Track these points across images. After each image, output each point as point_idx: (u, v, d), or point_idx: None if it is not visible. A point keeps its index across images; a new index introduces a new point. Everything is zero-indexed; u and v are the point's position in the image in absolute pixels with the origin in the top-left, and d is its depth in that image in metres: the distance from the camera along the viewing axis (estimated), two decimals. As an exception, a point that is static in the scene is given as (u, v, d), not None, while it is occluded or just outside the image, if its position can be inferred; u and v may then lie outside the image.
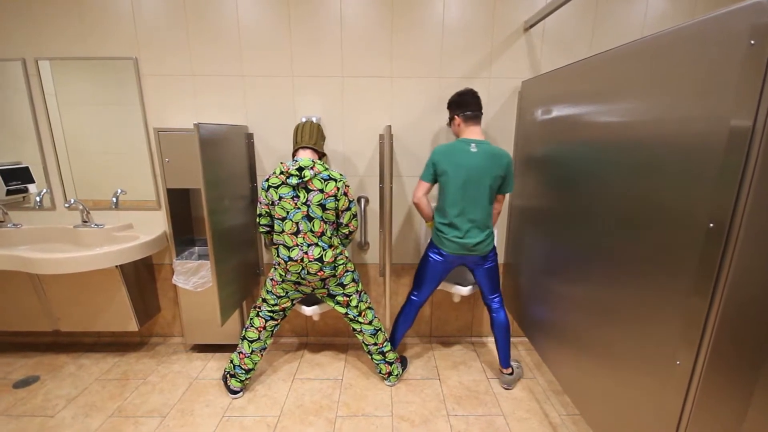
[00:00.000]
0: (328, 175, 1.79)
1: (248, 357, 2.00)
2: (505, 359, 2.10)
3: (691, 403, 0.99)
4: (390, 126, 1.79)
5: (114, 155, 2.29)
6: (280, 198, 1.78)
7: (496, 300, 2.08)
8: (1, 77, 2.17)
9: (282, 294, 1.95)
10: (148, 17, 2.08)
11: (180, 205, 2.28)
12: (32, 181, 2.35)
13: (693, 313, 0.96)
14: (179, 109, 2.20)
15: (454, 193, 1.85)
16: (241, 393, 2.05)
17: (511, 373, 2.12)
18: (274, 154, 2.26)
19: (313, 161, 1.78)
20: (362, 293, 2.04)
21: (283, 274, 1.88)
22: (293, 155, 1.88)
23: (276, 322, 2.02)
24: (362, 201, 2.31)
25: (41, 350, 2.46)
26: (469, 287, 2.19)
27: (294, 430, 1.82)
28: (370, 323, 2.04)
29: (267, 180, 1.81)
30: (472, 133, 1.89)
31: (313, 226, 1.80)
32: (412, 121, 2.22)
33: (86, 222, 2.30)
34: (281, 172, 1.78)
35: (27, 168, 2.33)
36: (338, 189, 1.80)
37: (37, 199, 2.33)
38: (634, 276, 1.18)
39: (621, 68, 1.24)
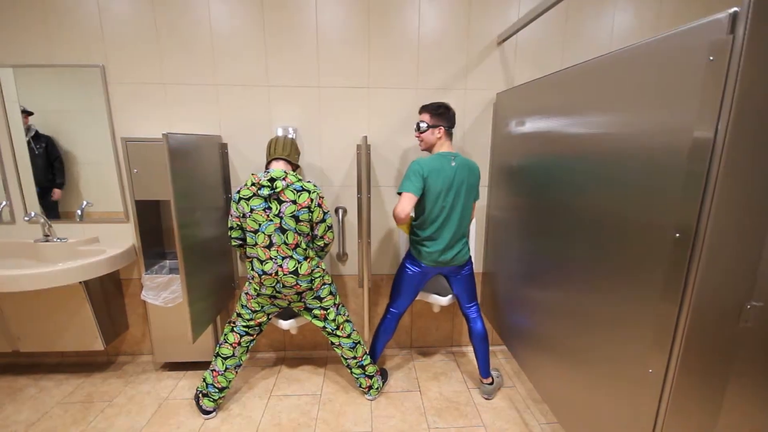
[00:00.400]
0: (301, 186, 1.76)
1: (222, 375, 1.93)
2: (484, 369, 2.10)
3: (665, 408, 1.00)
4: (366, 136, 1.78)
5: (80, 165, 2.20)
6: (252, 210, 1.73)
7: (473, 309, 2.08)
8: (-43, 84, 2.06)
9: (257, 308, 1.89)
10: (116, 23, 2.02)
11: (150, 217, 2.20)
12: (-9, 194, 2.22)
13: (663, 321, 0.98)
14: (149, 118, 2.14)
15: (439, 206, 1.83)
16: (214, 413, 1.96)
17: (491, 383, 2.12)
18: (249, 165, 2.22)
19: (285, 172, 1.75)
20: (340, 306, 2.00)
21: (258, 287, 1.83)
22: (266, 167, 1.84)
23: (251, 338, 1.96)
24: (340, 211, 2.28)
25: (-2, 373, 2.31)
26: (449, 297, 2.19)
27: (270, 450, 1.75)
28: (348, 336, 2.00)
29: (238, 192, 1.76)
30: (448, 146, 1.90)
31: (287, 238, 1.76)
32: (389, 132, 2.22)
33: (48, 236, 2.18)
34: (252, 184, 1.73)
35: (-15, 179, 2.20)
36: (312, 200, 1.77)
37: (-5, 212, 2.20)
38: (607, 284, 1.20)
39: (589, 82, 1.28)
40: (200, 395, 1.95)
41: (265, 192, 1.71)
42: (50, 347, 2.21)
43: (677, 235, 0.91)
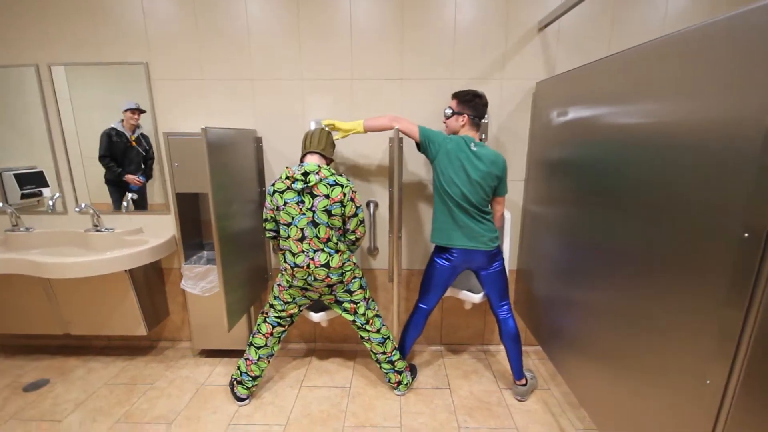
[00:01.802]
0: (335, 181, 1.75)
1: (255, 364, 1.97)
2: (517, 370, 2.03)
3: (723, 424, 0.92)
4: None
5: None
6: (285, 203, 1.75)
7: (504, 308, 2.01)
8: (17, 83, 2.20)
9: (289, 300, 1.91)
10: (158, 22, 2.09)
11: (189, 209, 2.27)
12: (46, 185, 2.37)
13: (726, 327, 0.89)
14: (189, 113, 2.20)
15: (450, 186, 1.82)
16: (248, 400, 2.02)
17: (525, 384, 2.05)
18: (282, 158, 2.24)
19: (319, 166, 1.75)
20: (370, 300, 1.99)
21: (290, 279, 1.85)
22: (301, 160, 1.85)
23: (283, 329, 1.99)
24: (371, 205, 2.27)
25: (52, 353, 2.48)
26: (481, 294, 2.13)
27: (301, 440, 1.78)
28: (378, 331, 1.99)
29: (273, 185, 1.79)
30: (472, 134, 1.87)
31: (319, 232, 1.77)
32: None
33: (96, 226, 2.31)
34: (287, 177, 1.75)
35: (41, 172, 2.35)
36: (344, 195, 1.76)
37: (50, 203, 2.35)
38: (660, 285, 1.11)
39: (643, 67, 1.18)
40: (235, 382, 2.01)
41: (299, 186, 1.72)
42: (98, 331, 2.34)
43: (746, 234, 0.82)
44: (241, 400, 2.00)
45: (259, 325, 1.99)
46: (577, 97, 1.63)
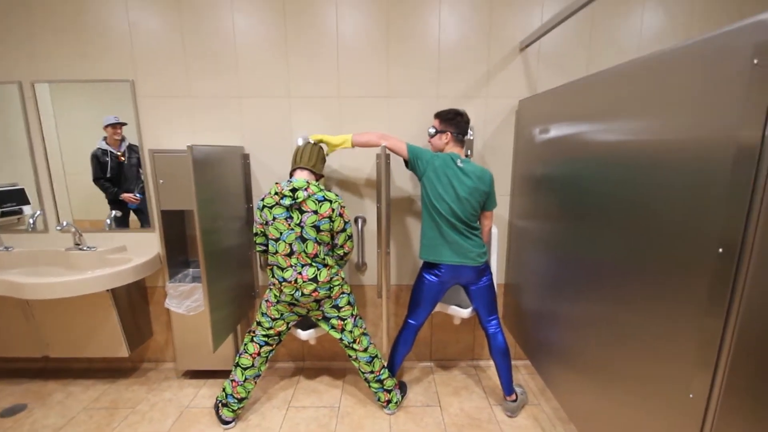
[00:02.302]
0: (323, 196, 1.76)
1: (241, 385, 1.93)
2: (507, 386, 2.02)
3: (708, 436, 0.93)
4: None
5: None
6: (274, 218, 1.75)
7: (493, 323, 2.01)
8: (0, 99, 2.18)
9: (277, 316, 1.89)
10: (144, 39, 2.09)
11: (174, 226, 2.24)
12: (27, 203, 2.32)
13: (706, 340, 0.91)
14: (175, 130, 2.19)
15: (439, 202, 1.83)
16: (234, 423, 1.96)
17: (515, 400, 2.04)
18: (270, 175, 2.24)
19: (307, 182, 1.75)
20: (357, 318, 1.98)
21: (278, 294, 1.83)
22: (290, 175, 1.85)
23: (271, 348, 1.96)
24: (359, 221, 2.27)
25: (30, 377, 2.39)
26: (470, 309, 2.13)
27: (288, 464, 1.73)
28: (365, 350, 1.97)
29: (262, 200, 1.79)
30: (457, 151, 1.90)
31: (307, 247, 1.77)
32: (409, 141, 2.20)
33: (78, 245, 2.26)
34: (275, 193, 1.75)
35: (22, 189, 2.31)
36: (333, 210, 1.77)
37: (31, 221, 2.30)
38: (642, 299, 1.13)
39: (620, 87, 1.22)
40: (220, 405, 1.96)
41: (287, 202, 1.72)
42: (78, 353, 2.27)
43: (720, 250, 0.85)
44: (226, 423, 1.94)
45: (246, 344, 1.95)
46: (558, 114, 1.67)
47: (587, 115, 1.42)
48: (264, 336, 1.92)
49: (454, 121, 1.88)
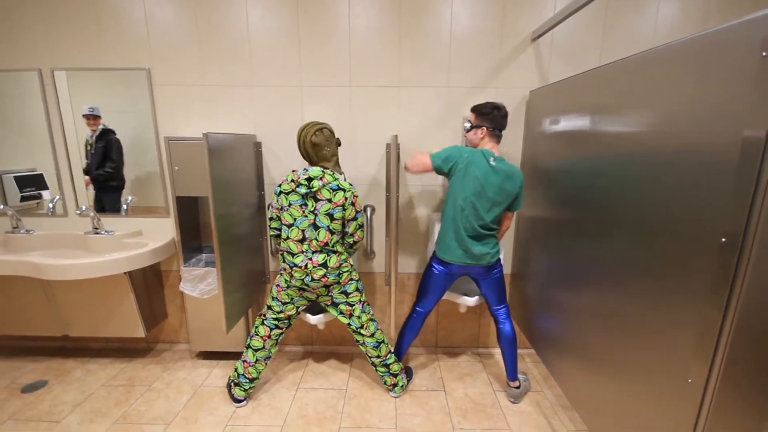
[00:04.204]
0: (337, 185, 1.80)
1: (252, 366, 2.00)
2: (512, 372, 2.06)
3: (704, 423, 0.96)
4: (396, 135, 1.79)
5: (126, 163, 2.33)
6: (290, 204, 1.81)
7: (502, 311, 2.05)
8: (19, 87, 2.23)
9: (287, 300, 1.94)
10: (161, 28, 2.13)
11: (189, 211, 2.30)
12: (46, 188, 2.40)
13: (705, 331, 0.93)
14: (189, 118, 2.24)
15: (464, 200, 1.81)
16: (245, 402, 2.04)
17: (518, 387, 2.08)
18: (282, 163, 2.28)
19: (323, 171, 1.79)
20: (365, 304, 2.02)
21: (288, 279, 1.88)
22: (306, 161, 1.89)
23: (281, 331, 2.02)
24: (368, 210, 2.31)
25: (50, 355, 2.49)
26: (476, 297, 2.16)
27: (297, 441, 1.80)
28: (372, 336, 2.02)
29: (279, 186, 1.84)
30: (492, 147, 1.86)
31: (319, 235, 1.82)
32: (420, 131, 2.22)
33: (96, 229, 2.33)
34: (292, 180, 1.80)
35: (41, 175, 2.38)
36: (346, 199, 1.81)
37: (50, 205, 2.37)
38: (645, 289, 1.16)
39: (630, 78, 1.23)
40: (232, 384, 2.03)
41: (303, 190, 1.78)
42: (96, 333, 2.36)
43: (723, 239, 0.87)
44: (238, 401, 2.02)
45: (256, 327, 2.02)
46: (568, 106, 1.68)
47: (597, 106, 1.43)
48: (274, 319, 1.98)
49: (490, 116, 1.84)
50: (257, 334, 2.00)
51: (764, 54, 0.78)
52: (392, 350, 2.12)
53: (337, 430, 1.87)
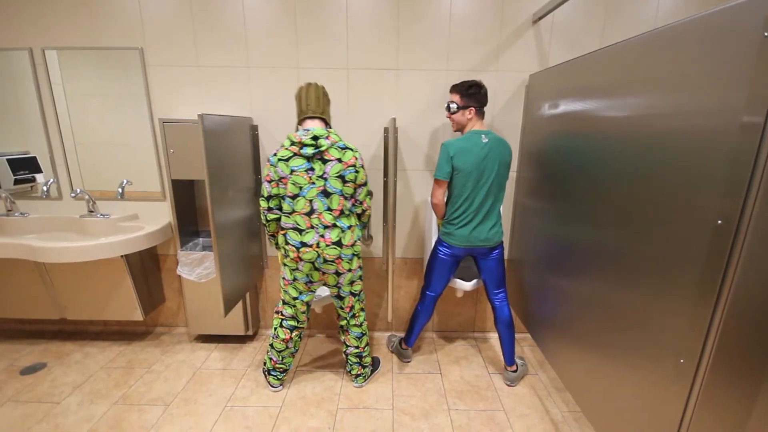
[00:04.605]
0: (344, 145, 1.66)
1: (280, 363, 1.98)
2: (509, 356, 2.10)
3: (694, 402, 0.98)
4: (395, 119, 1.78)
5: (120, 146, 2.30)
6: (292, 171, 1.61)
7: (500, 295, 2.07)
8: (10, 67, 2.18)
9: (296, 295, 1.87)
10: (154, 7, 2.08)
11: (185, 196, 2.29)
12: (40, 171, 2.37)
13: (699, 311, 0.95)
14: (184, 99, 2.20)
15: (470, 186, 1.84)
16: (280, 387, 2.04)
17: (516, 371, 2.12)
18: (278, 146, 2.25)
19: (327, 130, 1.66)
20: (361, 292, 2.01)
21: (294, 267, 1.76)
22: (299, 124, 1.74)
23: (300, 331, 1.97)
24: (366, 194, 2.30)
25: (48, 338, 2.50)
26: (473, 282, 2.18)
27: (295, 422, 1.83)
28: (359, 326, 2.00)
29: (275, 154, 1.64)
30: (480, 125, 1.89)
31: (331, 203, 1.66)
32: (418, 114, 2.21)
33: (92, 212, 2.31)
34: (292, 143, 1.62)
35: (35, 158, 2.35)
36: (356, 159, 1.68)
37: (44, 188, 2.35)
38: (639, 272, 1.17)
39: (629, 61, 1.22)
40: (266, 373, 2.03)
41: (309, 151, 1.59)
42: (94, 316, 2.37)
43: (719, 222, 0.87)
44: (273, 387, 2.02)
45: (276, 329, 1.94)
46: (568, 89, 1.67)
47: (596, 90, 1.42)
48: (291, 316, 1.91)
49: (476, 96, 1.85)
50: (278, 337, 1.92)
51: (766, 34, 0.77)
52: (402, 337, 2.12)
53: (335, 411, 1.90)
